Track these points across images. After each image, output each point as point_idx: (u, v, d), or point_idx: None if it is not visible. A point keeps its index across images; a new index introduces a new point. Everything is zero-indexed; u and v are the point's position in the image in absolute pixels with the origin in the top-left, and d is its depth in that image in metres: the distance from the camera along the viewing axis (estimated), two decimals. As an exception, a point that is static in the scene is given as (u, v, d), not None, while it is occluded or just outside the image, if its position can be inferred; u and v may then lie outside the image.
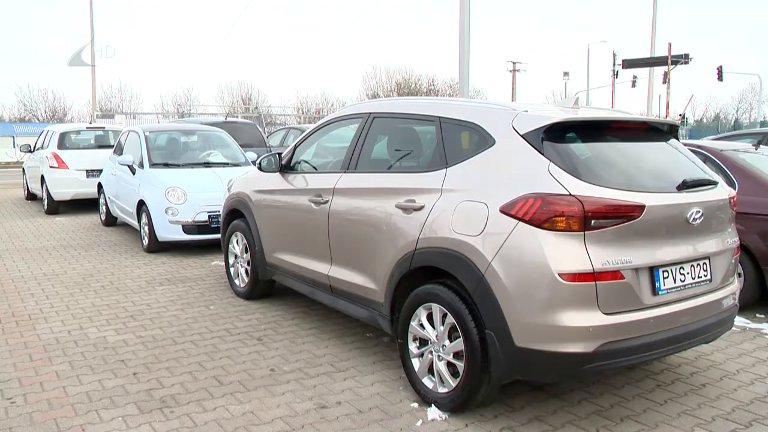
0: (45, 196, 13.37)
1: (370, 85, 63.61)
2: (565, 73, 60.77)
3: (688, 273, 3.86)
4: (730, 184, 6.21)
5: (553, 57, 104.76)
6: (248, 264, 6.38)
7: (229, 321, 5.79)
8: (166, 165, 9.55)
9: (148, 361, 4.81)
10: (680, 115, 42.29)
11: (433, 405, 3.98)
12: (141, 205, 9.13)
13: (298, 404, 4.10)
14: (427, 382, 4.07)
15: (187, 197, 8.69)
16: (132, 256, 8.82)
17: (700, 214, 3.83)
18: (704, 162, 5.97)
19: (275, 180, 5.84)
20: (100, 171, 11.98)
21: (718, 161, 6.49)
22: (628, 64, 40.31)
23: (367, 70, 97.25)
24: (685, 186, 3.92)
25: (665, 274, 3.71)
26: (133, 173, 9.61)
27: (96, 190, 11.98)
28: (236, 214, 6.57)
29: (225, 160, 10.13)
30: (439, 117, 4.34)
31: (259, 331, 5.51)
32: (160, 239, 8.81)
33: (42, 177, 13.50)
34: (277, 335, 5.41)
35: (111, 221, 11.42)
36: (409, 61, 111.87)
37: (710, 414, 4.04)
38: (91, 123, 20.14)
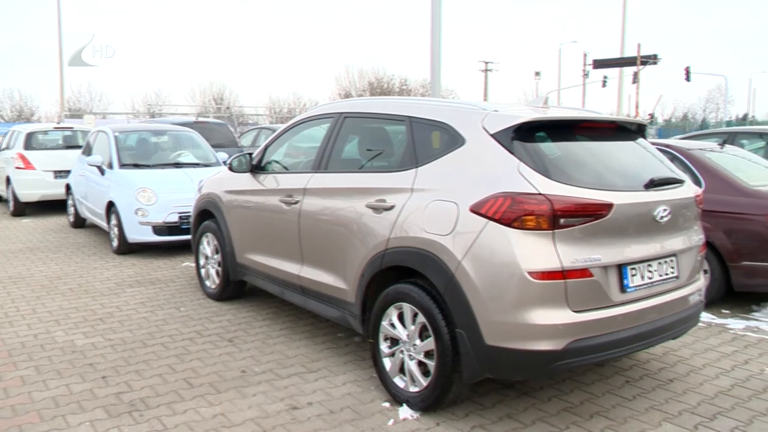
0: (11, 198, 13.15)
1: (343, 84, 63.65)
2: (537, 73, 61.35)
3: (655, 270, 3.91)
4: (697, 182, 6.30)
5: (525, 57, 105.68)
6: (219, 265, 6.33)
7: (200, 323, 5.75)
8: (136, 166, 9.45)
9: (118, 364, 4.76)
10: (649, 114, 42.90)
11: (404, 404, 3.99)
12: (110, 206, 9.01)
13: (270, 405, 4.08)
14: (399, 381, 4.07)
15: (157, 198, 8.60)
16: (101, 258, 8.71)
17: (667, 212, 3.88)
18: (672, 161, 6.05)
19: (246, 180, 5.81)
20: (68, 172, 11.79)
21: (685, 160, 6.59)
22: (599, 64, 40.76)
23: (340, 70, 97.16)
24: (652, 185, 3.97)
25: (633, 272, 3.76)
26: (102, 174, 9.49)
27: (64, 191, 11.80)
28: (207, 214, 6.52)
29: (196, 161, 10.04)
30: (410, 117, 4.34)
31: (230, 333, 5.47)
32: (129, 241, 8.71)
33: (8, 178, 13.26)
34: (248, 336, 5.38)
35: (79, 223, 11.25)
36: (381, 61, 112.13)
37: (677, 408, 4.09)
38: (59, 123, 19.84)
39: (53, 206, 13.28)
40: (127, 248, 8.83)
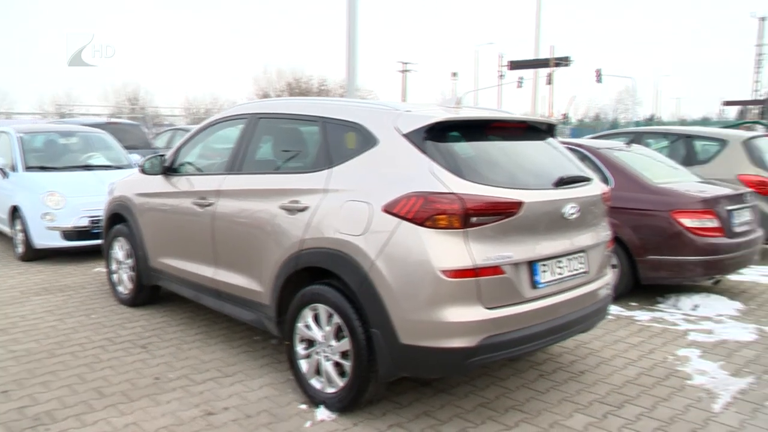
0: None
1: (261, 85, 63.00)
2: (454, 74, 62.29)
3: (565, 266, 4.01)
4: (606, 180, 6.52)
5: (442, 58, 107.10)
6: (132, 270, 6.15)
7: (112, 329, 5.57)
8: (43, 168, 9.07)
9: (21, 377, 4.53)
10: (563, 114, 44.13)
11: (321, 406, 3.97)
12: (15, 210, 8.63)
13: (184, 412, 3.99)
14: (315, 383, 4.05)
15: (66, 202, 8.28)
16: (4, 265, 8.31)
17: (575, 210, 3.99)
18: (582, 160, 6.25)
19: (158, 182, 5.67)
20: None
21: (594, 159, 6.81)
22: (514, 65, 41.67)
23: (258, 71, 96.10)
24: (561, 183, 4.07)
25: (544, 268, 3.85)
26: (5, 177, 9.08)
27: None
28: (118, 218, 6.33)
29: (107, 163, 9.71)
30: (323, 117, 4.33)
31: (143, 339, 5.32)
32: (36, 246, 8.35)
33: None
34: (162, 342, 5.25)
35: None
36: (300, 61, 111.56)
37: (588, 399, 4.23)
38: None
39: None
40: (34, 254, 8.46)
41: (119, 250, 6.34)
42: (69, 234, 8.27)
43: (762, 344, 5.34)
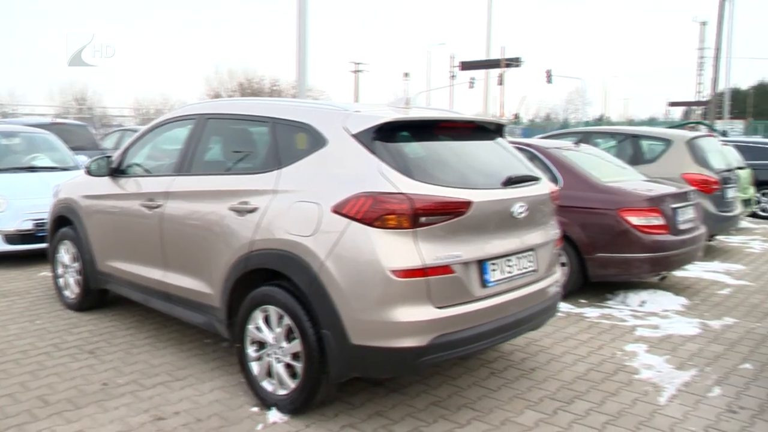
0: None
1: (213, 85, 62.26)
2: (406, 74, 62.61)
3: (514, 264, 4.06)
4: (555, 179, 6.62)
5: (395, 58, 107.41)
6: (79, 274, 6.02)
7: (58, 335, 5.43)
8: (-17, 170, 8.82)
9: (-40, 387, 4.39)
10: (514, 114, 44.65)
11: (273, 408, 3.94)
12: (-47, 214, 8.35)
13: (133, 418, 3.91)
14: (267, 385, 4.02)
15: (8, 204, 8.05)
16: (-54, 270, 8.06)
17: (524, 209, 4.04)
18: (531, 159, 6.32)
19: (105, 184, 5.56)
20: None
21: (543, 158, 6.90)
22: (465, 66, 41.94)
23: (210, 71, 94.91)
24: (509, 182, 4.12)
25: (493, 267, 3.88)
26: (-58, 179, 8.78)
27: None
28: (64, 221, 6.19)
29: (52, 164, 9.48)
30: (273, 118, 4.30)
31: (91, 344, 5.20)
32: (-23, 251, 8.11)
33: None
34: (110, 347, 5.14)
35: None
36: (252, 61, 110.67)
37: (538, 395, 4.28)
38: None
39: None
40: (-25, 260, 8.23)
41: (65, 254, 6.20)
42: (12, 238, 8.05)
43: (705, 338, 5.48)
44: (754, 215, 13.27)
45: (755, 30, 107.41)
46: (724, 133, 20.62)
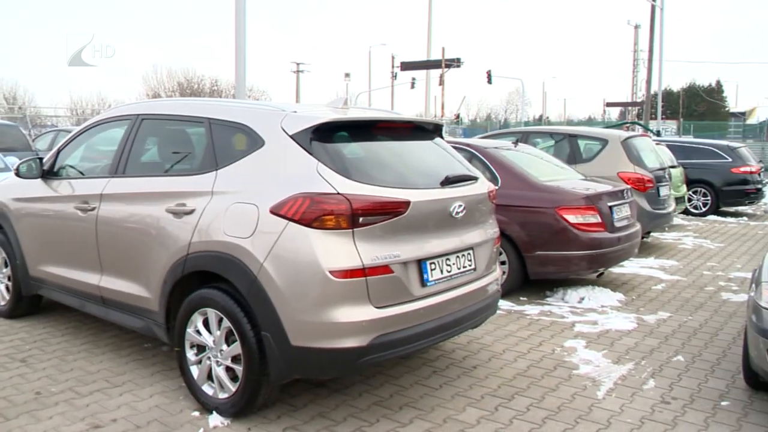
0: None
1: (151, 84, 60.93)
2: (347, 75, 62.36)
3: (453, 263, 4.09)
4: (494, 179, 6.70)
5: (336, 58, 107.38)
6: (9, 279, 5.83)
7: (-12, 344, 5.26)
8: None
9: None
10: (455, 115, 45.02)
11: (214, 412, 3.89)
12: None
13: (68, 427, 3.81)
14: (207, 389, 3.97)
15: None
16: None
17: (462, 208, 4.08)
18: (470, 159, 6.41)
19: (37, 187, 5.40)
20: None
21: (482, 158, 6.98)
22: (406, 66, 42.01)
23: (148, 70, 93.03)
24: (447, 182, 4.15)
25: (432, 266, 3.91)
26: None
27: None
28: (-7, 225, 5.98)
29: (-20, 166, 9.20)
30: (209, 118, 4.25)
31: (23, 352, 5.04)
32: None
33: None
34: (44, 355, 4.99)
35: None
36: (192, 61, 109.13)
37: (480, 393, 4.33)
38: None
39: None
40: None
41: (-5, 259, 6.00)
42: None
43: (641, 332, 5.63)
44: (686, 212, 13.71)
45: (686, 34, 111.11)
46: (657, 133, 21.25)
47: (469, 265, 4.23)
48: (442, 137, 4.74)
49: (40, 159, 5.42)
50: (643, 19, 59.40)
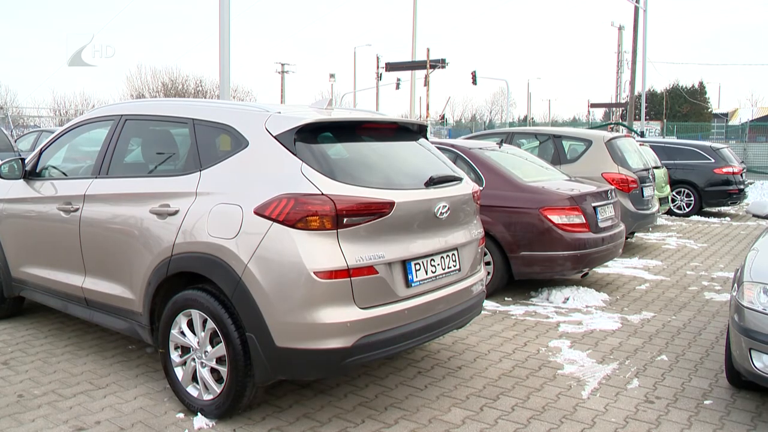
0: None
1: (135, 85, 60.51)
2: (332, 75, 62.09)
3: (438, 264, 4.10)
4: (478, 179, 6.72)
5: (321, 59, 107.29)
6: (-9, 282, 5.78)
7: (-31, 346, 5.21)
8: None
9: None
10: (441, 115, 45.08)
11: (199, 413, 3.88)
12: None
13: (51, 430, 3.78)
14: (192, 390, 3.96)
15: None
16: None
17: (446, 209, 4.09)
18: (455, 160, 6.43)
19: (19, 188, 5.36)
20: None
21: (467, 159, 7.00)
22: (391, 67, 41.91)
23: (132, 70, 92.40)
24: (432, 182, 4.15)
25: (417, 267, 3.92)
26: None
27: None
28: (-26, 227, 5.93)
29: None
30: (193, 119, 4.23)
31: (5, 354, 5.00)
32: None
33: None
34: (27, 357, 4.95)
35: None
36: (176, 61, 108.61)
37: (465, 393, 4.34)
38: None
39: None
40: None
41: (-24, 261, 5.93)
42: None
43: (625, 332, 5.66)
44: (669, 212, 13.82)
45: (669, 36, 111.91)
46: (641, 134, 21.40)
47: (454, 266, 4.24)
48: (426, 138, 4.75)
49: (23, 160, 5.38)
50: (627, 21, 59.71)
